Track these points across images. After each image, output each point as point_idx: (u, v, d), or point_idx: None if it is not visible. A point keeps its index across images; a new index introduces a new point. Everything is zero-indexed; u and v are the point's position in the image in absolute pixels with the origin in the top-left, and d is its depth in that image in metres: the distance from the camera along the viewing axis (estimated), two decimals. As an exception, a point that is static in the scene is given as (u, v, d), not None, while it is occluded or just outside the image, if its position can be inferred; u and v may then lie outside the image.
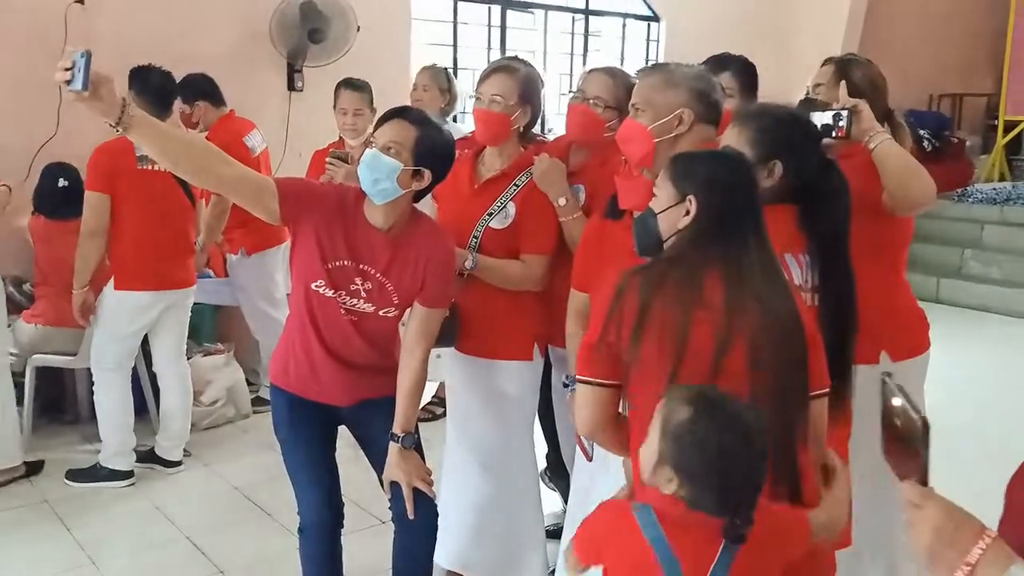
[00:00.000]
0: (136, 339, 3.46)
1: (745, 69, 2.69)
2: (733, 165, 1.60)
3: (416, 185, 2.03)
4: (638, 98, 1.96)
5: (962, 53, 8.63)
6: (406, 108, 2.11)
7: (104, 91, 1.69)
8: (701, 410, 1.33)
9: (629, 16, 6.44)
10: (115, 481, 3.42)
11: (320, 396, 2.18)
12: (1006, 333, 6.10)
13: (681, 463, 1.32)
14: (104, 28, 4.11)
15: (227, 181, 1.99)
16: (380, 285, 2.07)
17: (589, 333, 1.56)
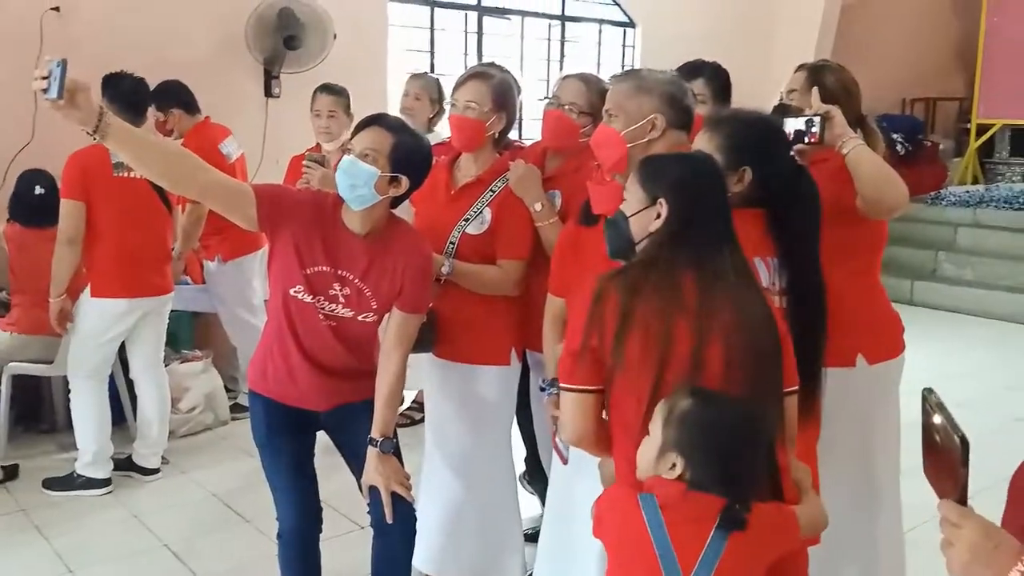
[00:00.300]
0: (113, 346, 3.45)
1: (717, 75, 2.72)
2: (702, 167, 1.62)
3: (393, 191, 2.04)
4: (611, 104, 1.99)
5: (935, 57, 8.77)
6: (383, 115, 2.12)
7: (81, 99, 1.70)
8: (706, 399, 1.40)
9: (605, 22, 6.49)
10: (92, 489, 3.40)
11: (298, 401, 2.18)
12: (980, 334, 6.20)
13: (687, 445, 1.38)
14: (79, 34, 4.10)
15: (205, 188, 1.99)
16: (358, 290, 2.08)
17: (570, 340, 1.57)
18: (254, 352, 2.26)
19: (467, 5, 5.73)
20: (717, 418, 1.39)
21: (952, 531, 1.03)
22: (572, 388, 1.55)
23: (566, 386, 1.56)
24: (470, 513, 2.53)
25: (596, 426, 1.57)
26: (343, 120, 3.55)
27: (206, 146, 3.73)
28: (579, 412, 1.55)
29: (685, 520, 1.36)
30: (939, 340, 5.47)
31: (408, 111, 3.69)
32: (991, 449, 1.31)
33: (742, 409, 1.40)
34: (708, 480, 1.36)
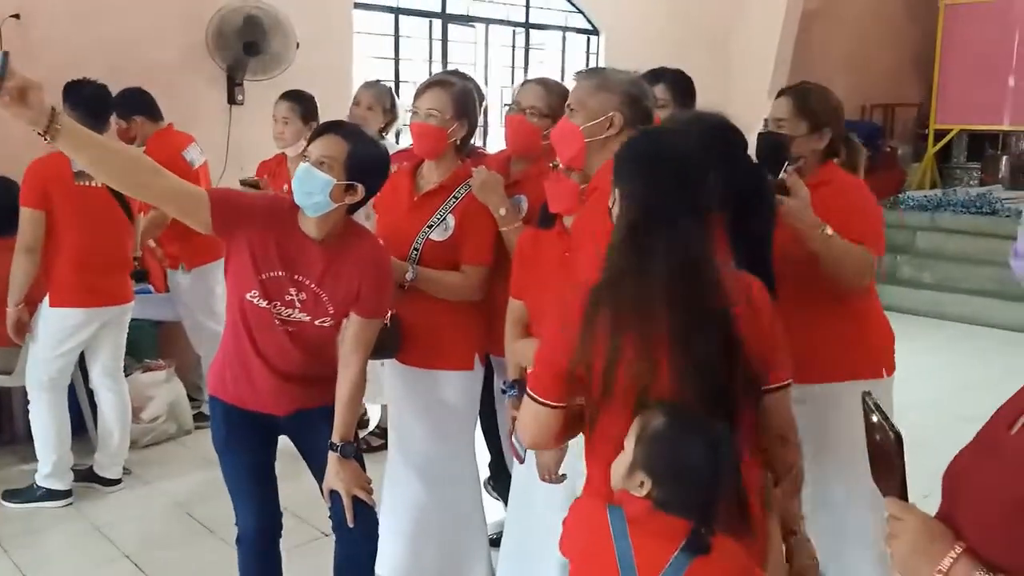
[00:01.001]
0: (72, 356, 3.42)
1: (679, 81, 2.76)
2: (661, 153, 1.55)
3: (349, 199, 2.05)
4: (573, 99, 2.03)
5: (893, 63, 8.95)
6: (339, 122, 2.13)
7: (32, 98, 1.65)
8: (675, 418, 1.40)
9: (569, 30, 6.55)
10: (52, 501, 3.36)
11: (257, 405, 2.18)
12: (938, 336, 6.34)
13: (654, 465, 1.39)
14: (40, 41, 4.05)
15: (159, 192, 1.99)
16: (315, 295, 2.09)
17: (547, 350, 1.55)
18: (213, 357, 2.26)
19: (431, 12, 5.75)
20: (687, 443, 1.39)
21: (895, 524, 1.09)
22: (541, 401, 1.54)
23: (535, 397, 1.55)
24: (433, 518, 2.55)
25: (555, 437, 1.59)
26: (298, 126, 3.56)
27: (169, 153, 3.70)
28: (543, 423, 1.55)
29: (651, 536, 1.38)
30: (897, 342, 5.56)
31: (359, 121, 3.70)
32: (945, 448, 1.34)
33: (713, 435, 1.39)
34: (674, 503, 1.38)
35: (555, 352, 1.51)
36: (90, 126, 3.22)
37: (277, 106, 3.62)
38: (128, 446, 3.60)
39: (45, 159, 3.21)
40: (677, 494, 1.38)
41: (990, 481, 1.04)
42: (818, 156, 2.25)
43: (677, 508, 1.38)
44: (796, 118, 2.22)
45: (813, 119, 2.22)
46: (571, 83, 2.54)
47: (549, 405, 1.53)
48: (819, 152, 2.25)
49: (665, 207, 1.48)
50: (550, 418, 1.54)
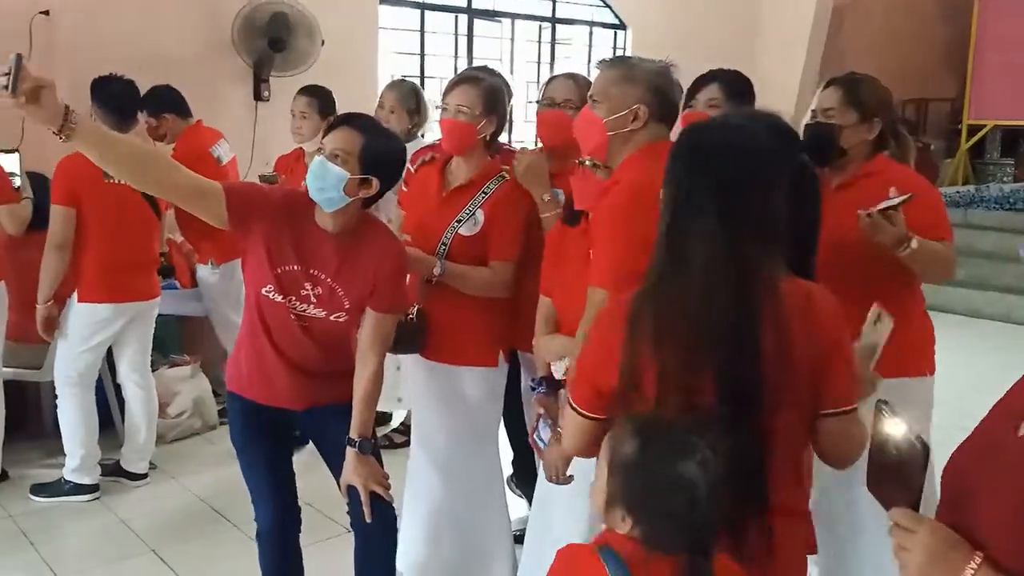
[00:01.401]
0: (99, 352, 3.44)
1: (733, 81, 2.61)
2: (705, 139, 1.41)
3: (364, 193, 2.02)
4: (596, 89, 1.97)
5: (926, 58, 8.80)
6: (354, 115, 2.10)
7: (45, 97, 1.65)
8: (648, 440, 1.24)
9: (596, 24, 6.50)
10: (80, 495, 3.39)
11: (274, 400, 2.17)
12: (970, 334, 6.21)
13: (632, 500, 1.23)
14: (69, 38, 4.09)
15: (175, 187, 1.98)
16: (330, 290, 2.07)
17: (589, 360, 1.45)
18: (232, 351, 2.25)
19: (457, 8, 5.73)
20: (660, 468, 1.21)
21: (906, 537, 1.05)
22: (583, 413, 1.46)
23: (577, 408, 1.46)
24: (455, 515, 2.53)
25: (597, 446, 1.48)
26: (316, 121, 3.54)
27: (198, 150, 3.73)
28: (585, 433, 1.46)
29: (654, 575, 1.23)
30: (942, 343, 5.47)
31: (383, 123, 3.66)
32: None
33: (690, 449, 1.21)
34: (661, 541, 1.22)
35: (598, 363, 1.40)
36: (117, 122, 3.27)
37: (295, 101, 3.61)
38: (154, 441, 3.62)
39: (74, 157, 3.22)
40: (664, 531, 1.22)
41: (999, 485, 1.01)
42: (868, 147, 2.23)
43: (666, 544, 1.22)
44: (845, 108, 2.20)
45: (862, 109, 2.20)
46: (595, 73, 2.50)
47: (591, 417, 1.44)
48: (869, 143, 2.22)
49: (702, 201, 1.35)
50: (594, 428, 1.43)
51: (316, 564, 2.41)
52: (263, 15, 4.49)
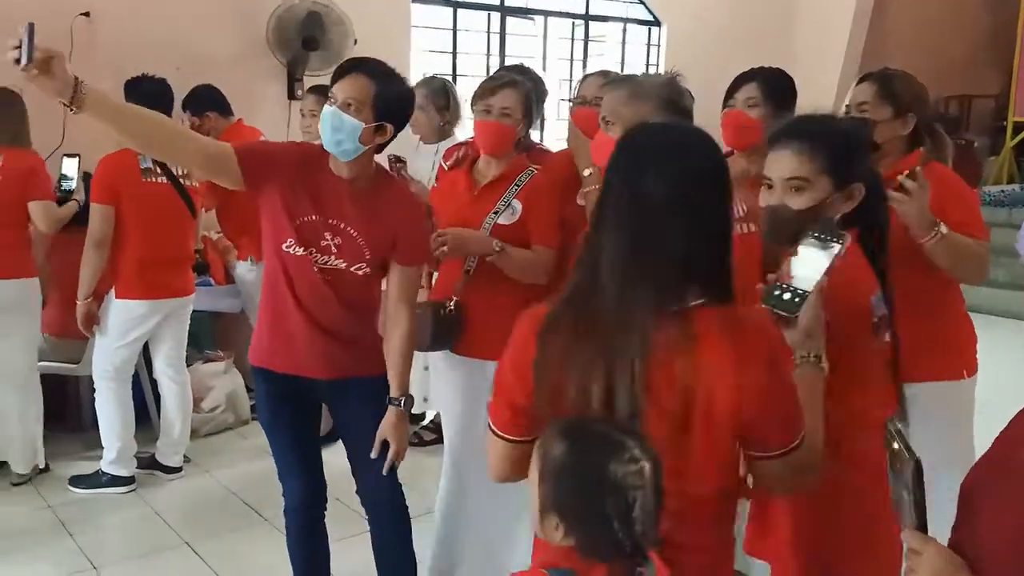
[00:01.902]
0: (135, 347, 3.51)
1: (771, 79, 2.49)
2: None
3: (379, 139, 2.04)
4: (608, 111, 1.99)
5: (970, 54, 8.59)
6: (363, 60, 2.07)
7: (56, 68, 1.65)
8: (575, 440, 1.18)
9: (630, 21, 6.45)
10: (116, 487, 3.46)
11: (298, 368, 2.16)
12: (1012, 337, 6.06)
13: (563, 504, 1.16)
14: (108, 39, 4.18)
15: (187, 153, 2.02)
16: (350, 238, 2.07)
17: (505, 379, 1.38)
18: (254, 331, 2.26)
19: (490, 5, 5.73)
20: (589, 468, 1.15)
21: (914, 558, 1.06)
22: (501, 435, 1.36)
23: (496, 431, 1.36)
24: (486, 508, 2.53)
25: (521, 469, 1.34)
26: None
27: None
28: (505, 457, 1.36)
29: None
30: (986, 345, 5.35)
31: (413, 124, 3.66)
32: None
33: (621, 448, 1.15)
34: (595, 547, 1.16)
35: (513, 382, 1.31)
36: None
37: (304, 100, 3.63)
38: (189, 435, 3.68)
39: (114, 156, 3.30)
40: (597, 536, 1.15)
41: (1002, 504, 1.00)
42: (902, 144, 2.21)
43: (601, 550, 1.15)
44: (879, 102, 2.18)
45: (896, 103, 2.18)
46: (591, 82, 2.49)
47: (509, 439, 1.33)
48: (903, 139, 2.21)
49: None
50: (514, 451, 1.32)
51: (344, 560, 2.43)
52: (297, 14, 4.54)
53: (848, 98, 2.27)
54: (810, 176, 1.56)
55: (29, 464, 3.48)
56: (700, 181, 1.25)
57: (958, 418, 2.27)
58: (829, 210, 1.56)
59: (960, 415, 2.28)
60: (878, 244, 1.64)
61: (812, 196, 1.56)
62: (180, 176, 3.45)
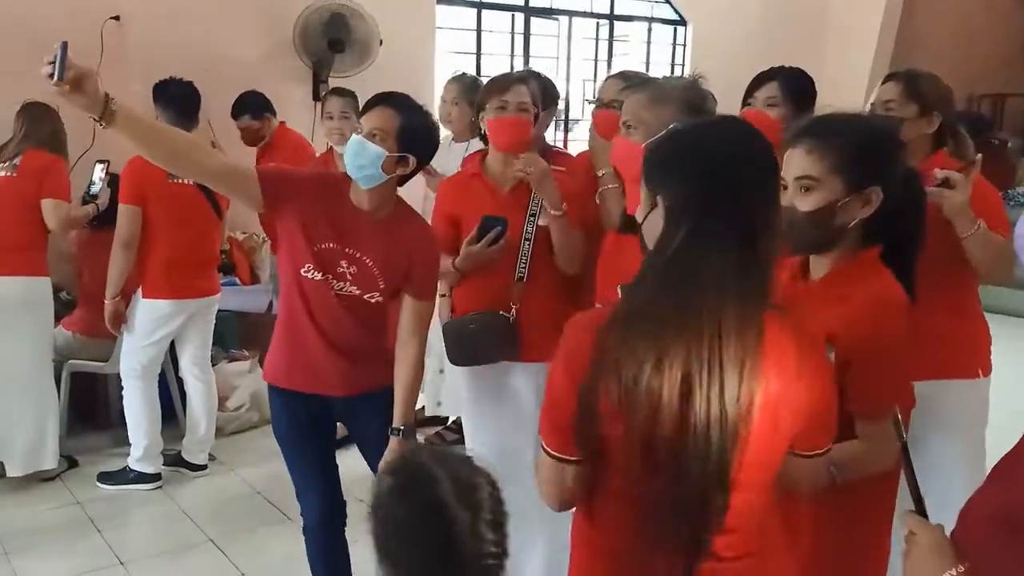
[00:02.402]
0: (162, 345, 3.55)
1: (792, 79, 2.50)
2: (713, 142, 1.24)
3: (401, 171, 2.07)
4: (629, 115, 1.95)
5: (1003, 51, 8.43)
6: (391, 94, 2.12)
7: (87, 85, 1.70)
8: (399, 482, 1.14)
9: (655, 20, 6.41)
10: (143, 484, 3.51)
11: (316, 387, 2.19)
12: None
13: (378, 542, 1.14)
14: (138, 42, 4.23)
15: (209, 170, 2.04)
16: (365, 268, 2.10)
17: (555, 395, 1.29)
18: (269, 347, 2.28)
19: (514, 6, 5.72)
20: (405, 514, 1.11)
21: (910, 539, 1.11)
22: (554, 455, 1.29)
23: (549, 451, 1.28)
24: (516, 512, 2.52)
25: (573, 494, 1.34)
26: (353, 121, 3.58)
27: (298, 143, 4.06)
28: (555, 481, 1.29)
29: None
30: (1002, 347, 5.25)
31: (447, 119, 3.67)
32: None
33: (438, 491, 1.10)
34: None
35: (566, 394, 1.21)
36: (181, 123, 3.36)
37: (331, 103, 3.65)
38: (214, 433, 3.72)
39: (141, 158, 3.33)
40: (405, 570, 1.11)
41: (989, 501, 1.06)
42: (927, 143, 2.20)
43: None
44: (905, 101, 2.18)
45: (922, 102, 2.18)
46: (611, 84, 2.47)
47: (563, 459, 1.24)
48: (928, 138, 2.20)
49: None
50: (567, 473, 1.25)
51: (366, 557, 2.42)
52: (322, 16, 4.56)
53: (873, 97, 2.26)
54: (819, 176, 1.48)
55: (28, 467, 3.45)
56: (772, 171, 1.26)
57: (971, 418, 2.26)
58: (842, 214, 1.48)
59: (974, 415, 2.26)
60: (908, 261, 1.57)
61: (821, 197, 1.48)
62: None
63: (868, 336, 1.45)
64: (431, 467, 1.14)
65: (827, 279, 1.56)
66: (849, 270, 1.54)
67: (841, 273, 1.54)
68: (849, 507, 1.54)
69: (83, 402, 3.94)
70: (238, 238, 4.22)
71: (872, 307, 1.48)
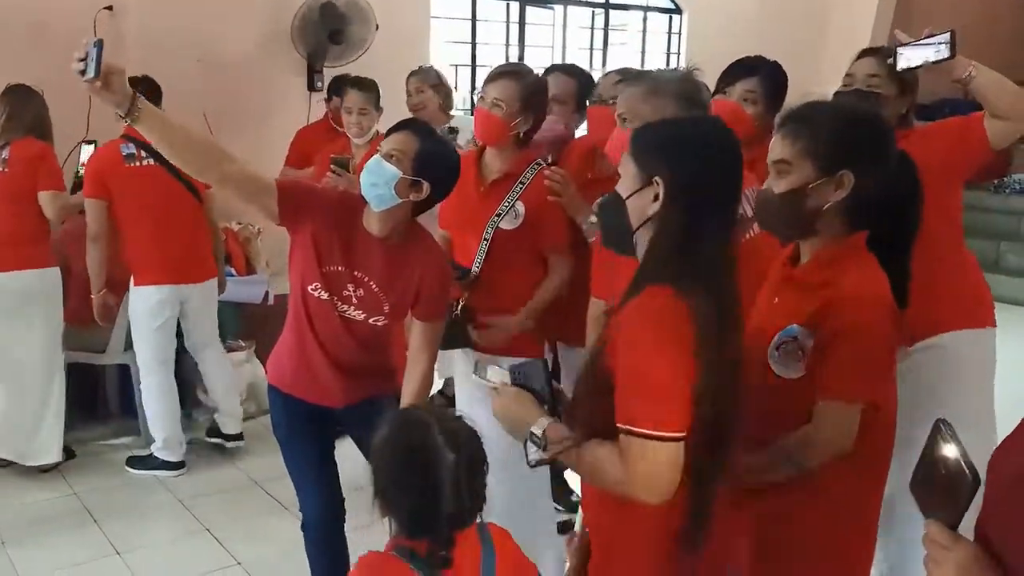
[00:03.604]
0: (168, 331, 3.54)
1: (774, 75, 2.54)
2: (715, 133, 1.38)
3: (414, 196, 2.03)
4: (625, 108, 1.94)
5: (1001, 35, 8.40)
6: (414, 120, 2.14)
7: (116, 82, 1.74)
8: (396, 427, 1.35)
9: (651, 9, 6.39)
10: (169, 471, 3.56)
11: (316, 398, 2.21)
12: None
13: (378, 483, 1.32)
14: (131, 32, 4.20)
15: (229, 177, 2.02)
16: (372, 293, 2.10)
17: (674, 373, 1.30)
18: (275, 347, 2.29)
19: (510, -6, 5.70)
20: (395, 452, 1.32)
21: (940, 552, 1.03)
22: (678, 437, 1.31)
23: (674, 435, 1.32)
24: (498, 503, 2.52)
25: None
26: (373, 115, 3.57)
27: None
28: (677, 463, 1.30)
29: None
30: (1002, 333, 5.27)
31: (418, 108, 3.63)
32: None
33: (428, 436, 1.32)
34: (403, 524, 1.33)
35: (673, 373, 1.28)
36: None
37: (351, 97, 3.56)
38: (239, 405, 3.80)
39: (99, 150, 3.36)
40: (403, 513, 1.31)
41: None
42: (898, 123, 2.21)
43: (416, 527, 1.31)
44: (889, 79, 2.19)
45: (902, 82, 2.21)
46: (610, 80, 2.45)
47: (683, 439, 1.28)
48: (899, 118, 2.23)
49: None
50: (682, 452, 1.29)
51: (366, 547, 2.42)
52: (320, 6, 4.54)
53: (850, 69, 2.24)
54: (791, 159, 1.53)
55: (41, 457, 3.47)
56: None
57: (983, 369, 2.28)
58: (814, 196, 1.52)
59: (985, 365, 2.29)
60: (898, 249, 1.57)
61: (792, 180, 1.53)
62: None
63: (844, 322, 1.48)
64: (424, 415, 1.35)
65: (811, 264, 1.58)
66: (833, 256, 1.55)
67: (825, 259, 1.56)
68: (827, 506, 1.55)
69: (80, 393, 3.93)
70: (233, 228, 4.20)
71: (851, 293, 1.50)
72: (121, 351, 3.76)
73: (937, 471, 1.05)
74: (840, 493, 1.54)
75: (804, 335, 1.51)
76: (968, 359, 2.20)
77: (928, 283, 2.05)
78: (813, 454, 1.51)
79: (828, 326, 1.49)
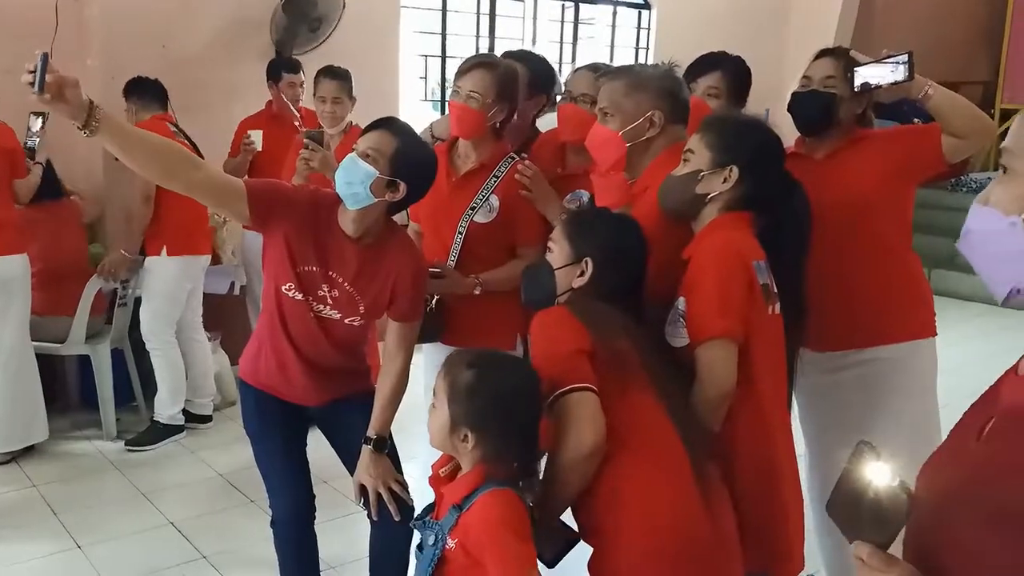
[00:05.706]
0: (183, 302, 3.77)
1: (737, 71, 2.56)
2: (631, 232, 1.72)
3: (390, 196, 2.01)
4: (606, 102, 1.94)
5: (958, 39, 8.58)
6: (392, 119, 2.10)
7: (70, 94, 1.67)
8: (485, 367, 1.51)
9: (620, 4, 6.41)
10: (175, 435, 3.76)
11: (288, 396, 2.19)
12: (997, 323, 6.11)
13: (478, 419, 1.47)
14: (95, 20, 4.11)
15: (196, 184, 1.98)
16: (347, 294, 2.08)
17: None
18: (248, 342, 2.27)
19: (480, -13, 5.68)
20: (500, 387, 1.49)
21: (868, 572, 1.00)
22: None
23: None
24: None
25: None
26: (347, 104, 3.54)
27: None
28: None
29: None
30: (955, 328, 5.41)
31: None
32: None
33: (521, 369, 1.55)
34: (503, 449, 1.47)
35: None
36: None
37: (325, 86, 3.53)
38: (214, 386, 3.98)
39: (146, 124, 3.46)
40: (507, 439, 1.48)
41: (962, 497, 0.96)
42: (852, 123, 2.23)
43: (508, 453, 1.48)
44: (844, 80, 2.18)
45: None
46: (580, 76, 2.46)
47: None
48: (854, 119, 2.23)
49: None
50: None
51: (331, 542, 2.42)
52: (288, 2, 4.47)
53: (808, 71, 2.25)
54: (695, 148, 1.78)
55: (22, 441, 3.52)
56: None
57: (925, 381, 2.28)
58: (704, 183, 1.75)
59: (929, 374, 2.29)
60: (785, 233, 1.80)
61: (691, 165, 1.78)
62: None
63: (694, 271, 1.70)
64: (512, 359, 1.69)
65: (690, 243, 1.78)
66: (704, 232, 1.77)
67: (700, 236, 1.79)
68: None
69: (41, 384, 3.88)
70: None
71: (704, 247, 1.73)
72: (82, 342, 3.70)
73: (864, 494, 1.02)
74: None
75: (682, 303, 1.71)
76: (912, 369, 2.22)
77: (876, 291, 2.16)
78: (707, 405, 1.65)
79: (687, 283, 1.70)
